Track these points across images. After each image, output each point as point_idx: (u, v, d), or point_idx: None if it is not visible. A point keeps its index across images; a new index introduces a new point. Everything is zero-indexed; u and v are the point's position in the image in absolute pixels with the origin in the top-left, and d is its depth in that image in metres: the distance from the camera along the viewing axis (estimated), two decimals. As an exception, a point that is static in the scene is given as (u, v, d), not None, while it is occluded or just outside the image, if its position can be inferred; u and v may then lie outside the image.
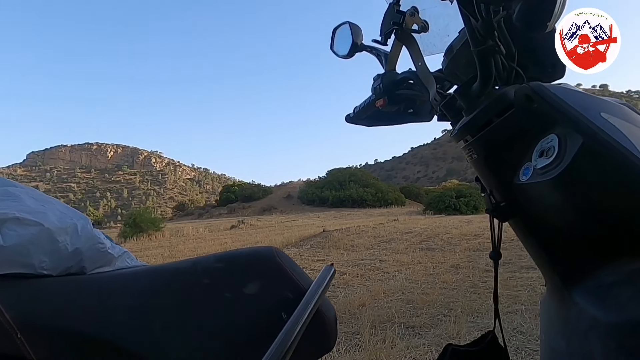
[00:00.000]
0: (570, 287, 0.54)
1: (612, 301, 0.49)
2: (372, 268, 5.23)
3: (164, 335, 0.50)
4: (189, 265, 0.56)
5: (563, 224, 0.53)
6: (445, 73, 0.76)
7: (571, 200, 0.51)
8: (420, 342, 2.48)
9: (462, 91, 0.61)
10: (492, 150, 0.59)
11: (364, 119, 0.87)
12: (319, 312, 0.54)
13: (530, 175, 0.53)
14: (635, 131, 0.49)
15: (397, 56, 0.79)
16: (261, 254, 0.57)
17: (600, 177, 0.48)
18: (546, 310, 0.62)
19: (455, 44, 0.72)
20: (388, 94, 0.77)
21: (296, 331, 0.48)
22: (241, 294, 0.53)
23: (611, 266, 0.50)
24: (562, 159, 0.49)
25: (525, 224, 0.59)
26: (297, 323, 0.49)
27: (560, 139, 0.50)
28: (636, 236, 0.49)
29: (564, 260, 0.56)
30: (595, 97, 0.54)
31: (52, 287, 0.52)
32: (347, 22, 0.91)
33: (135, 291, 0.53)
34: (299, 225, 15.53)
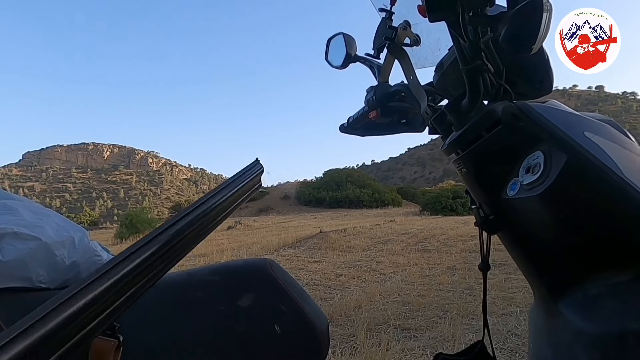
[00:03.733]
0: (557, 298, 0.56)
1: (597, 313, 0.50)
2: (368, 269, 5.24)
3: (160, 347, 0.51)
4: (185, 278, 0.57)
5: (549, 237, 0.55)
6: (437, 87, 0.77)
7: (556, 215, 0.53)
8: (416, 344, 2.49)
9: (452, 107, 0.63)
10: (481, 164, 0.61)
11: (358, 129, 0.89)
12: (309, 323, 0.55)
13: (518, 191, 0.55)
14: (617, 150, 0.51)
15: (389, 69, 0.81)
16: (255, 266, 0.59)
17: (584, 193, 0.50)
18: (534, 320, 0.63)
19: (445, 60, 0.74)
20: (381, 106, 0.79)
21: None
22: (235, 307, 0.54)
23: (596, 278, 0.52)
24: (548, 175, 0.51)
25: (513, 237, 0.60)
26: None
27: (546, 156, 0.52)
28: (619, 249, 0.51)
29: (551, 272, 0.57)
30: (579, 116, 0.56)
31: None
32: (341, 33, 0.92)
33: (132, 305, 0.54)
34: (295, 226, 15.53)
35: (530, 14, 0.48)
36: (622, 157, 0.50)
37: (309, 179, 58.66)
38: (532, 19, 0.48)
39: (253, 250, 7.43)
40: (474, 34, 0.54)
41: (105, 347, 0.32)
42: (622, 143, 0.54)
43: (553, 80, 0.66)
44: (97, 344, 0.34)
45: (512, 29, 0.50)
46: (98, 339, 0.34)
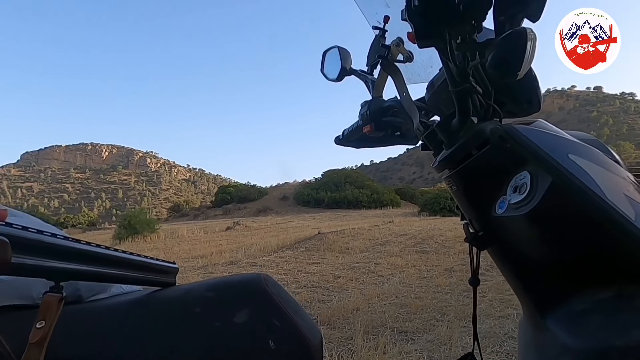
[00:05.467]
0: (544, 313, 0.57)
1: (582, 328, 0.52)
2: (366, 271, 5.26)
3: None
4: (183, 294, 0.59)
5: (536, 255, 0.56)
6: (428, 104, 0.79)
7: (542, 234, 0.54)
8: (413, 347, 2.51)
9: (442, 126, 0.65)
10: (470, 182, 0.63)
11: (353, 141, 0.91)
12: (303, 337, 0.56)
13: (506, 209, 0.56)
14: (600, 172, 0.53)
15: (383, 84, 0.83)
16: (250, 282, 0.60)
17: (568, 214, 0.52)
18: (523, 333, 0.65)
19: (436, 80, 0.75)
20: (375, 121, 0.80)
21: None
22: (231, 323, 0.55)
23: (581, 295, 0.54)
24: (534, 196, 0.53)
25: (502, 253, 0.62)
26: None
27: (532, 176, 0.54)
28: (603, 267, 0.52)
29: (538, 288, 0.59)
30: (564, 138, 0.57)
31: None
32: (337, 47, 0.93)
33: (130, 320, 0.56)
34: (294, 227, 15.54)
35: (515, 43, 0.50)
36: (605, 179, 0.52)
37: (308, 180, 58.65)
38: (517, 47, 0.50)
39: (252, 252, 7.44)
40: (463, 58, 0.55)
41: (52, 301, 0.40)
42: (605, 165, 0.56)
43: (541, 99, 0.68)
44: (47, 299, 0.41)
45: (498, 56, 0.52)
46: (47, 295, 0.41)
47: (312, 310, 3.44)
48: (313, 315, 3.28)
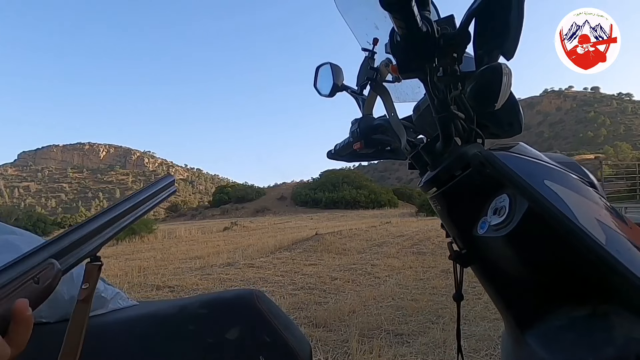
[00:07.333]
0: (523, 329, 0.60)
1: (558, 345, 0.55)
2: (363, 273, 5.29)
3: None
4: (177, 311, 0.61)
5: (515, 273, 0.59)
6: (415, 124, 0.82)
7: (520, 254, 0.57)
8: (408, 350, 2.54)
9: (427, 148, 0.67)
10: (454, 203, 0.65)
11: (344, 156, 0.94)
12: (292, 352, 0.59)
13: (486, 230, 0.59)
14: (573, 197, 0.56)
15: (373, 102, 0.85)
16: (242, 298, 0.63)
17: (544, 237, 0.55)
18: (505, 347, 0.68)
19: (422, 104, 0.78)
20: (365, 138, 0.83)
21: None
22: (223, 340, 0.58)
23: (558, 312, 0.57)
24: (512, 219, 0.55)
25: (483, 270, 0.65)
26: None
27: (511, 200, 0.57)
28: (577, 287, 0.55)
29: (517, 305, 0.62)
30: (540, 164, 0.60)
31: (50, 334, 0.57)
32: (329, 63, 0.96)
33: (127, 337, 0.58)
34: (292, 227, 15.57)
35: (490, 78, 0.54)
36: (578, 204, 0.55)
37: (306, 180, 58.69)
38: (493, 81, 0.53)
39: (249, 253, 7.46)
40: (445, 88, 0.59)
41: (93, 269, 0.45)
42: (579, 190, 0.58)
43: (522, 122, 0.71)
44: (88, 268, 0.46)
45: (476, 88, 0.55)
46: (88, 264, 0.46)
47: (308, 313, 3.47)
48: (309, 318, 3.30)
